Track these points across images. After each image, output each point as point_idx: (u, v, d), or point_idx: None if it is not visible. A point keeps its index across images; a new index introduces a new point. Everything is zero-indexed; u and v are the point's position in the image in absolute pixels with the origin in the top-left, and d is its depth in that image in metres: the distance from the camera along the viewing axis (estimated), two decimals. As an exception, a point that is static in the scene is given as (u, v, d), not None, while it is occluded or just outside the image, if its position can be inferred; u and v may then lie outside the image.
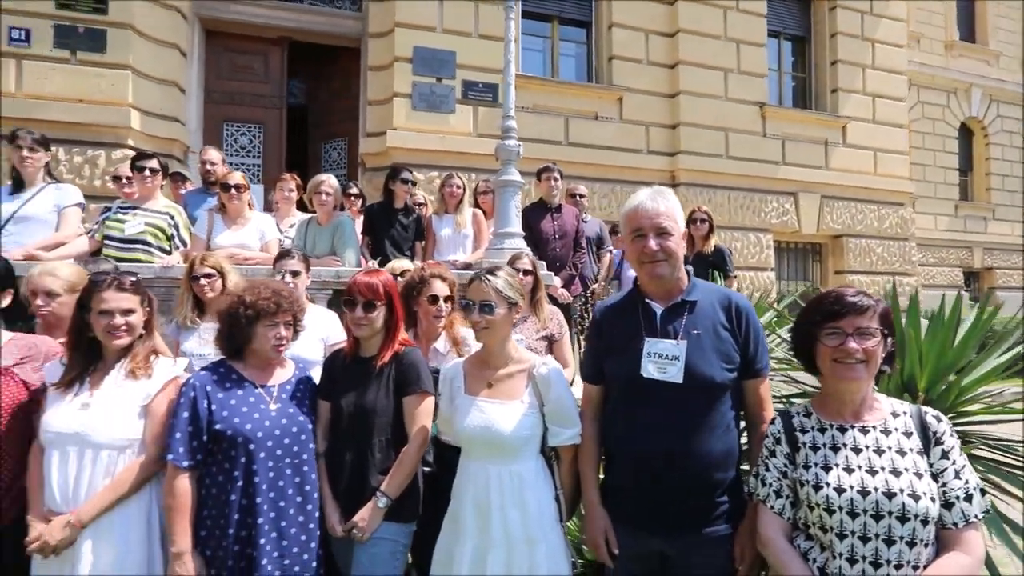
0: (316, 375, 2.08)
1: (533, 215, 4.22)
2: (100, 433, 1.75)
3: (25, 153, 3.30)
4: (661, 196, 1.66)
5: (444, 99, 6.69)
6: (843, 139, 8.67)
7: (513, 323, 1.85)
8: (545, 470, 1.78)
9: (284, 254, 2.60)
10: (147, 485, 1.81)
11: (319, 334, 2.54)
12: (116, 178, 3.95)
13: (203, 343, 2.48)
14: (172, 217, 3.51)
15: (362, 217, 4.22)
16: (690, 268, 1.74)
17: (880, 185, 8.83)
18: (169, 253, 3.46)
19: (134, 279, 1.93)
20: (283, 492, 1.78)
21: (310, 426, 1.90)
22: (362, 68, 7.08)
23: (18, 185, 3.40)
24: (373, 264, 3.73)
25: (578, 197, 4.77)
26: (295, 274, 2.56)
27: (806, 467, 1.44)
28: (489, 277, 1.81)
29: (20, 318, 2.51)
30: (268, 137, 7.06)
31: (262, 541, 1.72)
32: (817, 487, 1.40)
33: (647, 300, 1.69)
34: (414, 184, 4.00)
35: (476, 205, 4.35)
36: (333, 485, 1.89)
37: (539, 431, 1.76)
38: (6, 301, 2.04)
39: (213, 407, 1.75)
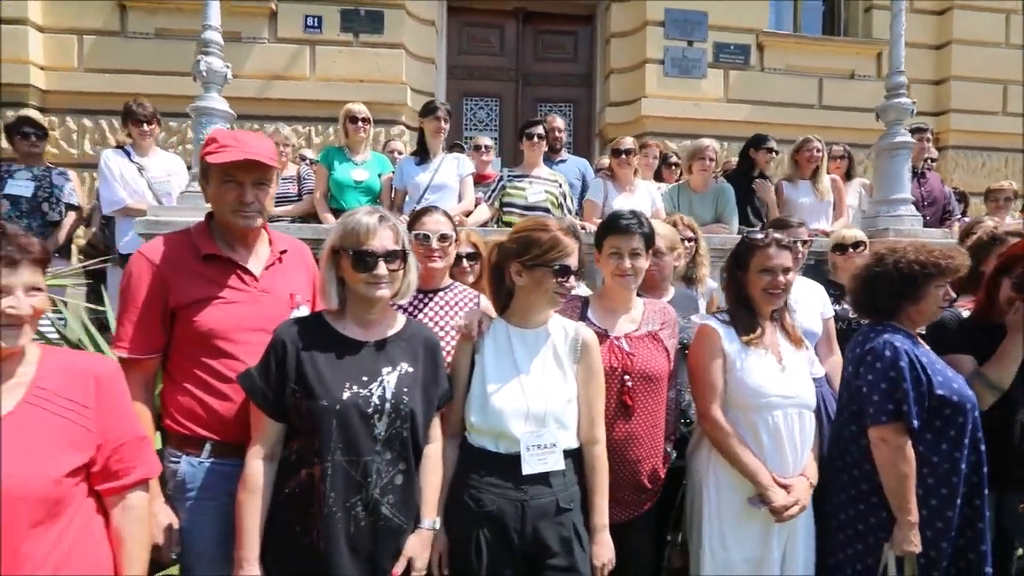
0: None
1: (901, 180, 3.84)
2: (809, 397, 1.74)
3: (443, 124, 3.48)
4: None
5: (696, 63, 6.38)
6: None
7: None
8: None
9: (785, 223, 2.48)
10: None
11: (816, 306, 2.44)
12: (476, 147, 4.11)
13: None
14: (560, 185, 3.56)
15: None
16: None
17: None
18: (558, 220, 3.52)
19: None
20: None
21: None
22: (598, 34, 6.95)
23: (422, 156, 3.61)
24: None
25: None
26: (805, 243, 2.45)
27: None
28: None
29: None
30: (504, 110, 7.15)
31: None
32: None
33: None
34: (777, 152, 3.78)
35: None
36: None
37: None
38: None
39: (929, 373, 1.66)
